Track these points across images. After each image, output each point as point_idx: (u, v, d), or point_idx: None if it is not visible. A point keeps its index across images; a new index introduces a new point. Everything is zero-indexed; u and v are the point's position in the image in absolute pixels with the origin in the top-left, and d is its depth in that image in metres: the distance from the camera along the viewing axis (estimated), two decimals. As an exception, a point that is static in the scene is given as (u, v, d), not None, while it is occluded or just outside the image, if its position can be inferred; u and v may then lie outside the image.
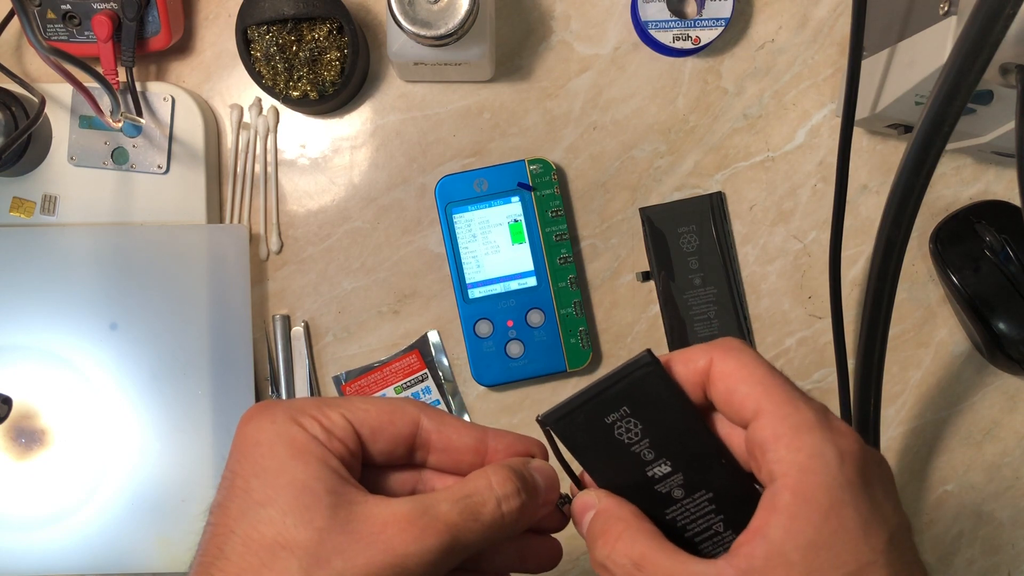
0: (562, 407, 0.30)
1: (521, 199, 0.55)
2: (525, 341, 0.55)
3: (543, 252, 0.55)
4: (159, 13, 0.55)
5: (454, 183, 0.56)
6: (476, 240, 0.55)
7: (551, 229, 0.55)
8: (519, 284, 0.55)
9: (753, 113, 0.60)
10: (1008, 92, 0.45)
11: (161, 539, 0.57)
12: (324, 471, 0.27)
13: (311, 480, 0.27)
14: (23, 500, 0.57)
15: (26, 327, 0.57)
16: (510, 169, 0.55)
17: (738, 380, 0.28)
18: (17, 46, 0.60)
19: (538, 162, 0.55)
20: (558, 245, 0.55)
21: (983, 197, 0.60)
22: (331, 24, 0.55)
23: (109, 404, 0.57)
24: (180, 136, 0.57)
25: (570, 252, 0.55)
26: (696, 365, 0.29)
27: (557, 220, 0.55)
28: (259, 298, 0.60)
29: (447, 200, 0.55)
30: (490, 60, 0.56)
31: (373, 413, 0.30)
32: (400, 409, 0.30)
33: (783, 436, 0.27)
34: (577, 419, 0.30)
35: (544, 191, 0.55)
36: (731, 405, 0.28)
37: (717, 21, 0.57)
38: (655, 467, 0.30)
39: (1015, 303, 0.56)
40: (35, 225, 0.58)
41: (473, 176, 0.55)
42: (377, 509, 0.27)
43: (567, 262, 0.55)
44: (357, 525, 0.27)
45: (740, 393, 0.28)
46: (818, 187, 0.60)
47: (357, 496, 0.28)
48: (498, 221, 0.55)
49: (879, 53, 0.53)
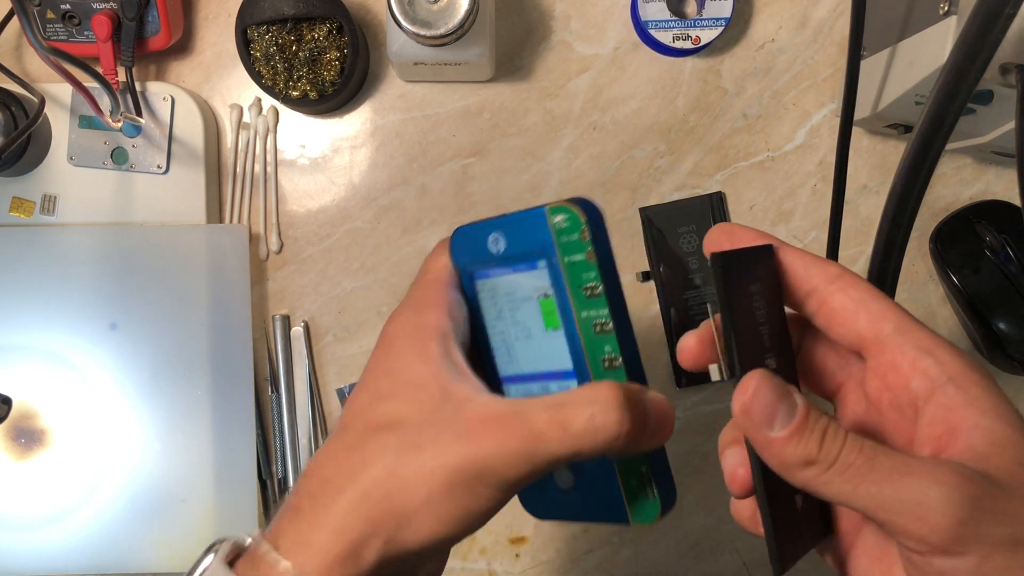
0: (729, 254, 0.30)
1: (549, 266, 0.35)
2: (574, 468, 0.37)
3: (582, 347, 0.34)
4: (159, 13, 0.55)
5: (468, 238, 0.36)
6: (503, 319, 0.37)
7: (589, 314, 0.34)
8: (559, 388, 0.35)
9: (753, 113, 0.60)
10: (1008, 92, 0.45)
11: (161, 539, 0.57)
12: (442, 367, 0.30)
13: (428, 377, 0.30)
14: (23, 500, 0.57)
15: (26, 327, 0.57)
16: (528, 219, 0.35)
17: (871, 298, 0.29)
18: (17, 46, 0.60)
19: (563, 211, 0.34)
20: (600, 340, 0.34)
21: (983, 197, 0.60)
22: (331, 24, 0.55)
23: (109, 404, 0.57)
24: (180, 136, 0.57)
25: (617, 350, 0.33)
26: (811, 274, 0.30)
27: (595, 302, 0.34)
28: (259, 298, 0.60)
29: (465, 260, 0.36)
30: (490, 60, 0.56)
31: (449, 267, 0.34)
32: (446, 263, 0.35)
33: (939, 346, 0.28)
34: (732, 271, 0.30)
35: (573, 256, 0.34)
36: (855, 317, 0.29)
37: (717, 21, 0.57)
38: (768, 358, 0.30)
39: (1015, 303, 0.56)
40: (35, 225, 0.58)
41: (487, 229, 0.36)
42: (478, 406, 0.29)
43: (614, 366, 0.33)
44: (456, 420, 0.29)
45: (872, 310, 0.29)
46: (818, 187, 0.60)
47: (466, 392, 0.30)
48: (525, 294, 0.36)
49: (879, 53, 0.53)
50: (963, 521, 0.24)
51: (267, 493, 0.60)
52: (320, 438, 0.60)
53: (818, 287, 0.30)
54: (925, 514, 0.24)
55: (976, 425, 0.26)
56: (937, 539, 0.24)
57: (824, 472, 0.26)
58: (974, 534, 0.24)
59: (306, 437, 0.59)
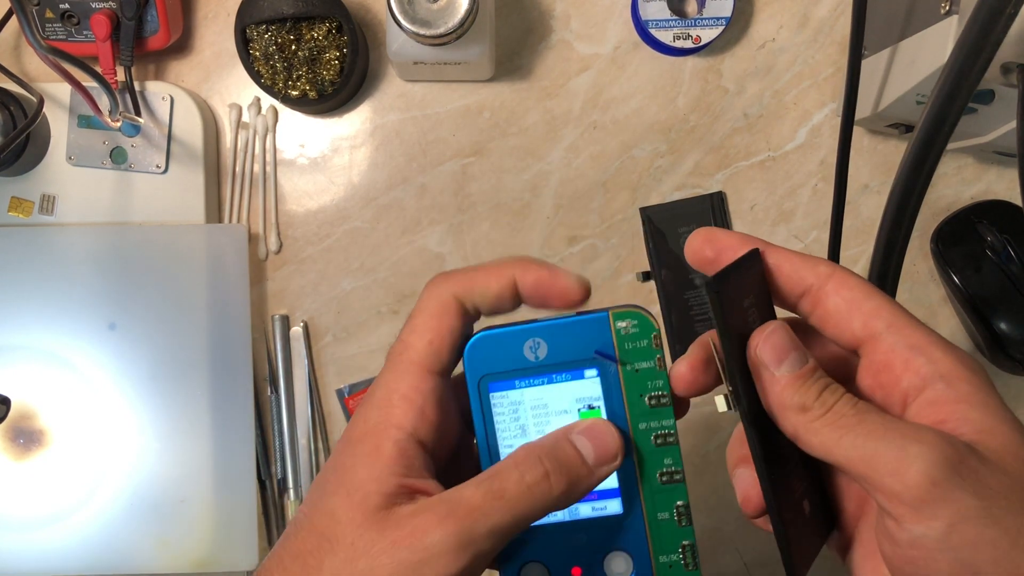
0: (725, 273, 0.29)
1: (602, 374, 0.33)
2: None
3: (635, 462, 0.33)
4: (158, 12, 0.55)
5: (494, 345, 0.33)
6: (525, 434, 0.33)
7: (650, 425, 0.33)
8: (593, 510, 0.33)
9: (754, 112, 0.60)
10: (1009, 91, 0.45)
11: (160, 540, 0.57)
12: (387, 471, 0.28)
13: (368, 480, 0.28)
14: (22, 501, 0.57)
15: (24, 327, 0.57)
16: (584, 326, 0.32)
17: (864, 296, 0.29)
18: (15, 45, 0.60)
19: (631, 316, 0.32)
20: (660, 452, 0.33)
21: (984, 197, 0.60)
22: (330, 23, 0.55)
23: (108, 404, 0.57)
24: (179, 135, 0.57)
25: (679, 464, 0.33)
26: (802, 275, 0.30)
27: (659, 412, 0.33)
28: (258, 298, 0.60)
29: (482, 371, 0.33)
30: (490, 59, 0.56)
31: (436, 341, 0.30)
32: (442, 310, 0.30)
33: (932, 344, 0.28)
34: (730, 292, 0.29)
35: (640, 364, 0.33)
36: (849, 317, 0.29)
37: (718, 20, 0.56)
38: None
39: (1016, 303, 0.56)
40: (33, 225, 0.58)
41: (524, 335, 0.32)
42: (409, 507, 0.28)
43: (675, 479, 0.33)
44: (390, 523, 0.28)
45: (865, 310, 0.29)
46: (819, 187, 0.60)
47: (405, 498, 0.28)
48: (562, 407, 0.33)
49: (880, 52, 0.53)
50: (936, 481, 0.24)
51: (266, 493, 0.60)
52: (319, 438, 0.60)
53: (811, 288, 0.30)
54: (901, 469, 0.25)
55: (964, 418, 0.26)
56: (909, 496, 0.25)
57: (816, 420, 0.27)
58: (946, 497, 0.24)
59: (305, 437, 0.59)
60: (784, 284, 0.30)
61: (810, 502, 0.31)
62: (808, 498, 0.31)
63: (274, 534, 0.59)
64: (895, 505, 0.25)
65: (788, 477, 0.30)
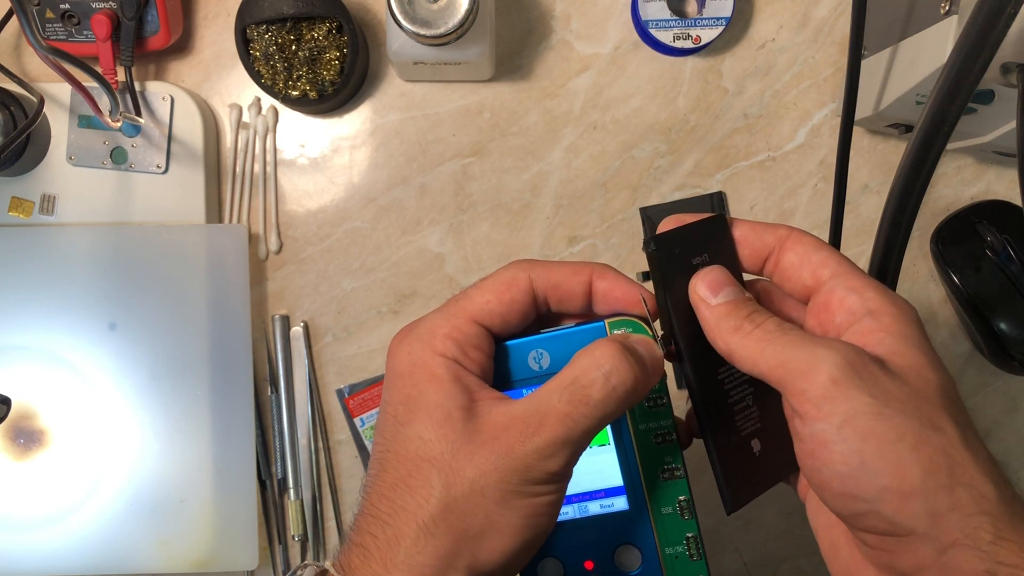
0: (667, 234, 0.32)
1: None
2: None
3: (637, 460, 0.35)
4: (158, 12, 0.55)
5: (502, 358, 0.34)
6: None
7: (649, 426, 0.35)
8: (601, 507, 0.35)
9: (754, 113, 0.60)
10: (1009, 92, 0.45)
11: (160, 540, 0.57)
12: (456, 389, 0.30)
13: (444, 400, 0.30)
14: (22, 501, 0.57)
15: (25, 327, 0.57)
16: (583, 336, 0.34)
17: (814, 250, 0.32)
18: (16, 46, 0.60)
19: (626, 325, 0.33)
20: (660, 451, 0.35)
21: (984, 197, 0.60)
22: (330, 23, 0.55)
23: (108, 404, 0.57)
24: (179, 136, 0.57)
25: (679, 461, 0.35)
26: (764, 239, 0.33)
27: (658, 412, 0.34)
28: (258, 298, 0.60)
29: (497, 379, 0.34)
30: (490, 59, 0.56)
31: (494, 303, 0.32)
32: (513, 283, 0.32)
33: (868, 286, 0.30)
34: (674, 251, 0.32)
35: None
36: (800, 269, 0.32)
37: (717, 20, 0.56)
38: None
39: (1016, 303, 0.56)
40: (34, 225, 0.58)
41: (528, 347, 0.34)
42: (498, 416, 0.30)
43: (675, 476, 0.35)
44: (483, 435, 0.29)
45: (813, 261, 0.31)
46: (819, 187, 0.60)
47: (483, 408, 0.30)
48: None
49: (880, 52, 0.53)
50: (837, 380, 0.27)
51: (266, 493, 0.60)
52: (319, 438, 0.60)
53: (773, 250, 0.32)
54: (810, 371, 0.28)
55: (880, 343, 0.29)
56: (814, 394, 0.27)
57: (745, 337, 0.30)
58: (844, 395, 0.27)
59: (305, 437, 0.59)
60: (749, 249, 0.33)
61: (762, 444, 0.34)
62: (760, 439, 0.34)
63: (274, 534, 0.59)
64: (801, 403, 0.28)
65: (731, 415, 0.33)
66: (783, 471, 0.34)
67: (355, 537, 0.31)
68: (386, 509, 0.30)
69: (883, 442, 0.27)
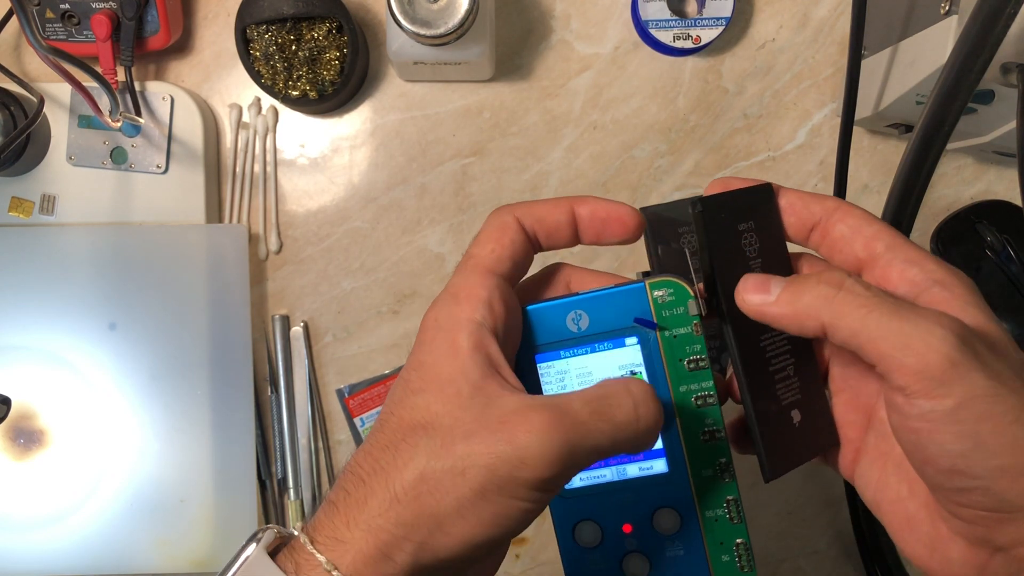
0: (714, 198, 0.32)
1: (642, 342, 0.34)
2: (652, 557, 0.36)
3: (677, 424, 0.34)
4: (158, 12, 0.55)
5: (538, 319, 0.35)
6: None
7: (689, 387, 0.34)
8: (640, 470, 0.35)
9: (754, 113, 0.60)
10: (1009, 91, 0.45)
11: (160, 540, 0.57)
12: (471, 363, 0.30)
13: (457, 373, 0.29)
14: (22, 500, 0.57)
15: (25, 327, 0.57)
16: (623, 297, 0.34)
17: (866, 223, 0.31)
18: (16, 45, 0.60)
19: (667, 285, 0.34)
20: (700, 413, 0.34)
21: (984, 197, 0.60)
22: (330, 23, 0.55)
23: (108, 404, 0.57)
24: (179, 136, 0.57)
25: (720, 423, 0.34)
26: (811, 209, 0.32)
27: (698, 375, 0.34)
28: (258, 298, 0.60)
29: (529, 343, 0.35)
30: (490, 59, 0.56)
31: (498, 250, 0.32)
32: (505, 226, 0.32)
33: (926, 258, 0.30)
34: (720, 215, 0.31)
35: (678, 329, 0.34)
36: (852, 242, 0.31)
37: (717, 20, 0.56)
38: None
39: (1016, 303, 0.56)
40: (34, 225, 0.58)
41: (566, 308, 0.34)
42: (511, 401, 0.29)
43: (716, 437, 0.34)
44: (488, 414, 0.28)
45: (866, 233, 0.31)
46: (819, 187, 0.60)
47: (496, 389, 0.29)
48: (606, 374, 0.35)
49: (880, 52, 0.53)
50: (955, 362, 0.26)
51: (266, 493, 0.60)
52: (319, 438, 0.60)
53: (820, 221, 0.32)
54: (922, 349, 0.26)
55: (963, 312, 0.28)
56: (929, 374, 0.26)
57: (842, 304, 0.28)
58: (962, 376, 0.26)
59: (305, 437, 0.59)
60: (796, 218, 0.33)
61: (802, 415, 0.33)
62: (800, 410, 0.33)
63: (274, 534, 0.59)
64: (912, 381, 0.27)
65: (772, 383, 0.33)
66: (821, 445, 0.34)
67: (331, 494, 0.30)
68: (367, 468, 0.29)
69: (1001, 423, 0.26)
